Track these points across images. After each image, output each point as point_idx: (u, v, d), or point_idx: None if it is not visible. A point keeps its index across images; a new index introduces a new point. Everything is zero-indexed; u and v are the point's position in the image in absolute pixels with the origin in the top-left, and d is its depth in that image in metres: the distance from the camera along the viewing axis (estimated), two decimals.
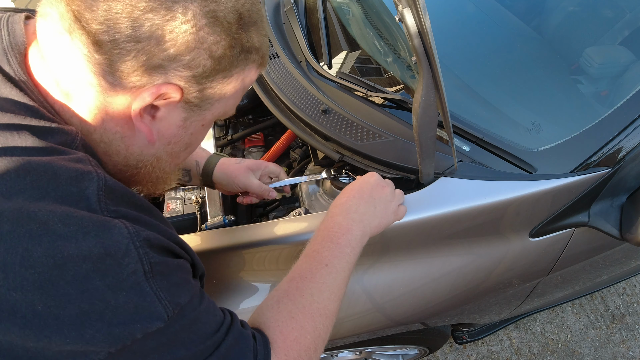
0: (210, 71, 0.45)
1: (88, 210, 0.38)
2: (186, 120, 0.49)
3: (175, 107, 0.46)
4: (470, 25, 1.24)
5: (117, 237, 0.38)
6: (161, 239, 0.42)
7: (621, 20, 1.13)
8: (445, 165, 0.80)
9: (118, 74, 0.41)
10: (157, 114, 0.46)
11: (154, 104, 0.45)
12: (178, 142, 0.51)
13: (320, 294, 0.55)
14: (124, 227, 0.39)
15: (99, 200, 0.39)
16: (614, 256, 1.14)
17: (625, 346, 1.75)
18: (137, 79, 0.42)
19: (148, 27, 0.40)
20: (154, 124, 0.47)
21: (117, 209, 0.40)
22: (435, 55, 0.54)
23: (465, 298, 0.95)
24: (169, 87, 0.43)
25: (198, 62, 0.43)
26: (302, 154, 1.12)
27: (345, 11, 1.30)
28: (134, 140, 0.48)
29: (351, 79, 1.00)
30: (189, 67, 0.43)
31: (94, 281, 0.36)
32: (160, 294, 0.40)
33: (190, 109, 0.48)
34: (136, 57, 0.41)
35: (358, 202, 0.65)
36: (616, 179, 0.84)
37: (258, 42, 0.48)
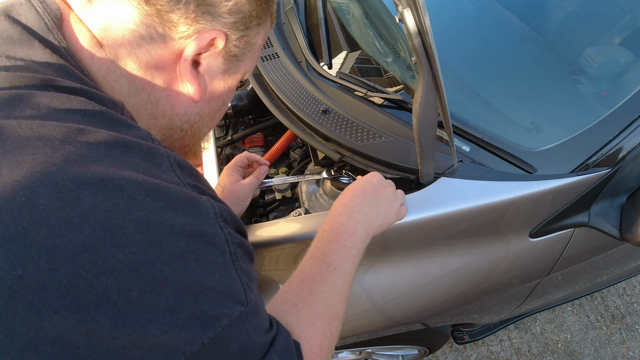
0: (248, 17, 0.46)
1: (171, 182, 0.36)
2: (225, 72, 0.50)
3: (217, 58, 0.47)
4: (470, 25, 1.24)
5: (205, 216, 0.36)
6: (235, 216, 0.41)
7: (621, 20, 1.13)
8: (445, 165, 0.80)
9: (168, 25, 0.41)
10: (200, 69, 0.47)
11: (196, 59, 0.45)
12: (218, 97, 0.52)
13: (332, 298, 0.55)
14: (209, 205, 0.37)
15: (176, 174, 0.38)
16: (614, 256, 1.14)
17: (625, 346, 1.75)
18: (185, 27, 0.42)
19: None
20: (199, 79, 0.47)
21: (195, 183, 0.39)
22: (436, 55, 0.54)
23: (465, 298, 0.95)
24: (216, 33, 0.44)
25: (239, 7, 0.44)
26: (302, 154, 1.12)
27: (345, 11, 1.30)
28: (179, 99, 0.48)
29: (351, 79, 1.00)
30: (231, 13, 0.44)
31: (190, 262, 0.34)
32: (242, 277, 0.38)
33: (229, 59, 0.48)
34: (186, 5, 0.41)
35: (362, 202, 0.65)
36: (616, 179, 0.84)
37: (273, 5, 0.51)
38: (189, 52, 0.44)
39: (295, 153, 1.13)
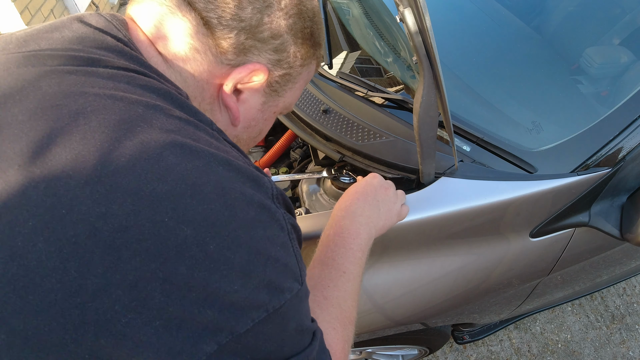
0: (292, 57, 0.50)
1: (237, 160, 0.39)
2: (264, 104, 0.53)
3: (257, 90, 0.50)
4: (471, 25, 1.24)
5: (268, 193, 0.39)
6: (289, 201, 0.44)
7: (621, 20, 1.13)
8: (445, 165, 0.80)
9: (219, 50, 0.45)
10: (241, 97, 0.50)
11: (239, 87, 0.49)
12: (255, 126, 0.55)
13: (345, 302, 0.55)
14: (270, 185, 0.40)
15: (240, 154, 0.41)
16: (614, 256, 1.14)
17: (625, 346, 1.75)
18: (233, 57, 0.46)
19: (250, 10, 0.44)
20: (238, 105, 0.51)
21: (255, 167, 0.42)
22: (436, 55, 0.54)
23: (466, 298, 0.94)
24: (261, 67, 0.47)
25: (284, 47, 0.48)
26: (302, 154, 1.12)
27: (345, 11, 1.30)
28: (220, 118, 0.51)
29: (352, 79, 1.00)
30: (276, 51, 0.48)
31: (258, 230, 0.35)
32: (298, 257, 0.40)
33: (269, 93, 0.52)
34: (237, 36, 0.44)
35: (363, 205, 0.65)
36: (616, 179, 0.84)
37: (322, 40, 0.55)
38: (232, 80, 0.47)
39: (296, 153, 1.13)
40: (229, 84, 0.47)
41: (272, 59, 0.48)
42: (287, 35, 0.48)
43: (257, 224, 0.35)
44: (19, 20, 2.66)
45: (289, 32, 0.48)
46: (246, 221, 0.34)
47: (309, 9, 0.50)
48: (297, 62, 0.51)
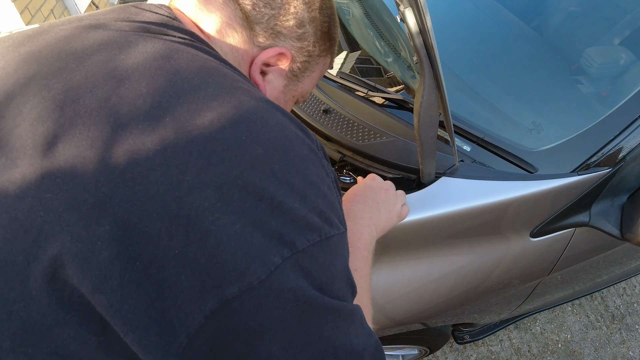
0: (312, 47, 0.55)
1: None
2: (286, 87, 0.58)
3: (281, 74, 0.55)
4: (471, 25, 1.25)
5: (316, 144, 0.44)
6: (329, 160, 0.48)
7: (621, 20, 1.13)
8: (446, 165, 0.80)
9: (252, 33, 0.51)
10: (267, 77, 0.55)
11: (264, 70, 0.54)
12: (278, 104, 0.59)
13: (362, 299, 0.55)
14: (315, 139, 0.44)
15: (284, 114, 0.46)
16: (615, 256, 1.14)
17: (625, 346, 1.75)
18: (263, 39, 0.52)
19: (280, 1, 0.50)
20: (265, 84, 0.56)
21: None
22: (437, 55, 0.54)
23: (466, 298, 0.94)
24: (286, 51, 0.53)
25: (306, 36, 0.54)
26: None
27: (345, 11, 1.30)
28: None
29: (352, 79, 1.00)
30: (300, 39, 0.53)
31: (311, 165, 0.40)
32: (340, 204, 0.43)
33: (290, 77, 0.57)
34: (268, 22, 0.50)
35: (363, 208, 0.65)
36: (617, 179, 0.84)
37: (337, 35, 0.60)
38: (261, 59, 0.52)
39: None
40: (258, 62, 0.52)
41: (295, 45, 0.54)
42: (309, 26, 0.53)
43: (309, 160, 0.40)
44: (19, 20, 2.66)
45: (310, 24, 0.53)
46: (302, 155, 0.40)
47: (328, 7, 0.56)
48: (315, 52, 0.56)
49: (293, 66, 0.56)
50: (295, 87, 0.59)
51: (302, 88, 0.60)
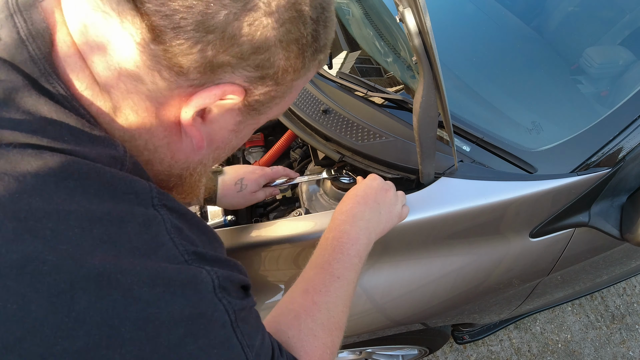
0: (282, 72, 0.39)
1: (169, 260, 0.34)
2: (240, 124, 0.43)
3: (231, 110, 0.40)
4: (471, 25, 1.24)
5: (205, 293, 0.35)
6: (236, 277, 0.39)
7: (621, 20, 1.13)
8: (445, 165, 0.80)
9: (176, 70, 0.34)
10: (209, 116, 0.40)
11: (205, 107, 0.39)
12: (226, 146, 0.45)
13: (335, 307, 0.55)
14: (208, 277, 0.35)
15: (174, 244, 0.35)
16: (614, 256, 1.14)
17: (625, 346, 1.75)
18: (197, 76, 0.35)
19: (224, 16, 0.32)
20: (204, 127, 0.41)
21: (195, 249, 0.36)
22: (436, 55, 0.54)
23: (466, 298, 0.94)
24: (233, 88, 0.37)
25: (272, 62, 0.37)
26: (302, 154, 1.12)
27: (345, 11, 1.30)
28: (181, 146, 0.41)
29: (351, 79, 1.00)
30: (260, 67, 0.37)
31: (188, 346, 0.33)
32: (244, 341, 0.37)
33: (247, 112, 0.42)
34: (202, 51, 0.33)
35: (363, 209, 0.64)
36: (616, 179, 0.84)
37: (329, 40, 0.42)
38: (194, 106, 0.37)
39: (296, 153, 1.13)
40: (188, 111, 0.37)
41: (251, 76, 0.37)
42: (276, 48, 0.36)
43: (186, 341, 0.32)
44: None
45: (279, 45, 0.36)
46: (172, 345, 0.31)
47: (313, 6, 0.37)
48: (287, 77, 0.40)
49: (250, 100, 0.40)
50: (256, 120, 0.44)
51: (269, 117, 0.45)
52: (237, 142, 0.47)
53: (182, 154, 0.43)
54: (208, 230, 0.43)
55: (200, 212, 0.98)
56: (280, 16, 0.35)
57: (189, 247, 0.36)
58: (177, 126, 0.39)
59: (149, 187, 0.36)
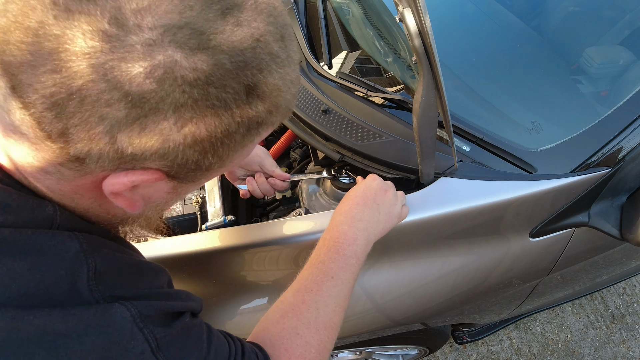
0: (200, 161, 0.36)
1: (83, 304, 0.35)
2: (176, 188, 0.41)
3: (159, 182, 0.38)
4: (471, 25, 1.24)
5: (121, 323, 0.36)
6: (161, 305, 0.40)
7: (621, 20, 1.13)
8: (445, 165, 0.80)
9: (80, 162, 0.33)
10: (139, 186, 0.37)
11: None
12: (168, 202, 0.44)
13: (326, 307, 0.55)
14: (125, 310, 0.36)
15: (91, 291, 0.36)
16: (614, 256, 1.14)
17: (625, 346, 1.75)
18: (105, 165, 0.33)
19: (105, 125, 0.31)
20: (135, 194, 0.38)
21: (113, 292, 0.37)
22: (436, 55, 0.54)
23: (466, 298, 0.94)
24: (148, 175, 0.35)
25: (183, 158, 0.35)
26: (302, 154, 1.12)
27: (345, 11, 1.30)
28: (113, 206, 0.40)
29: (351, 79, 1.00)
30: (172, 161, 0.35)
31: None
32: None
33: (180, 181, 0.39)
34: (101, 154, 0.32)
35: (362, 210, 0.64)
36: (616, 179, 0.84)
37: (279, 105, 0.37)
38: (109, 189, 0.36)
39: (296, 153, 1.13)
40: (106, 190, 0.36)
41: (168, 164, 0.35)
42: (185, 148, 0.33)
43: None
44: None
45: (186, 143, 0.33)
46: None
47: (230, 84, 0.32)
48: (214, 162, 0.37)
49: (175, 176, 0.38)
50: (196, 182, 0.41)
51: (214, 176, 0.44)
52: (181, 197, 0.46)
53: (119, 210, 0.42)
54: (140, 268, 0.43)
55: (200, 211, 0.98)
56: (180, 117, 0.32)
57: (105, 292, 0.37)
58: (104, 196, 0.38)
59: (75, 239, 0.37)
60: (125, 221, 0.46)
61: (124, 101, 0.30)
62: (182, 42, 0.30)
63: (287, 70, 0.36)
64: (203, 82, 0.31)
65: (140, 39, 0.29)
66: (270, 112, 0.37)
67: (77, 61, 0.28)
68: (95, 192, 0.38)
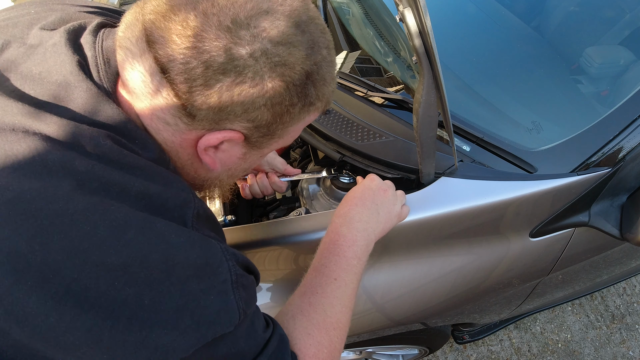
0: (271, 124, 0.49)
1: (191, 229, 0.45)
2: (246, 154, 0.54)
3: (235, 146, 0.51)
4: (471, 25, 1.24)
5: (215, 251, 0.44)
6: (242, 257, 0.49)
7: (621, 20, 1.13)
8: (445, 165, 0.80)
9: (192, 118, 0.46)
10: (221, 147, 0.51)
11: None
12: (238, 168, 0.57)
13: (332, 308, 0.57)
14: (217, 244, 0.45)
15: (192, 224, 0.45)
16: (614, 256, 1.14)
17: (626, 346, 1.75)
18: (206, 124, 0.47)
19: (218, 87, 0.43)
20: (217, 155, 0.52)
21: (205, 232, 0.47)
22: (436, 55, 0.54)
23: (466, 298, 0.95)
24: (233, 134, 0.48)
25: (261, 118, 0.47)
26: (302, 154, 1.12)
27: (345, 11, 1.30)
28: (201, 165, 0.53)
29: (351, 78, 1.00)
30: (252, 121, 0.47)
31: (192, 284, 0.41)
32: (240, 303, 0.45)
33: (250, 147, 0.52)
34: (209, 109, 0.45)
35: (361, 211, 0.65)
36: (616, 178, 0.84)
37: (324, 94, 0.51)
38: (203, 145, 0.49)
39: (296, 153, 1.13)
40: (201, 145, 0.49)
41: (247, 126, 0.48)
42: (264, 108, 0.47)
43: (191, 280, 0.42)
44: None
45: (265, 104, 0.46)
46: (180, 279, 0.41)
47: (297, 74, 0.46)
48: (278, 128, 0.50)
49: (251, 140, 0.51)
50: (261, 152, 0.55)
51: (273, 149, 0.56)
52: (247, 165, 0.58)
53: (203, 171, 0.55)
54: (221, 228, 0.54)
55: None
56: (265, 86, 0.45)
57: (200, 229, 0.46)
58: (197, 153, 0.51)
59: (187, 185, 0.48)
60: (206, 182, 0.58)
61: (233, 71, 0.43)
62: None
63: (331, 70, 0.51)
64: (282, 64, 0.44)
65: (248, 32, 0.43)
66: (318, 97, 0.50)
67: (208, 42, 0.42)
68: (193, 150, 0.50)
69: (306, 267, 0.63)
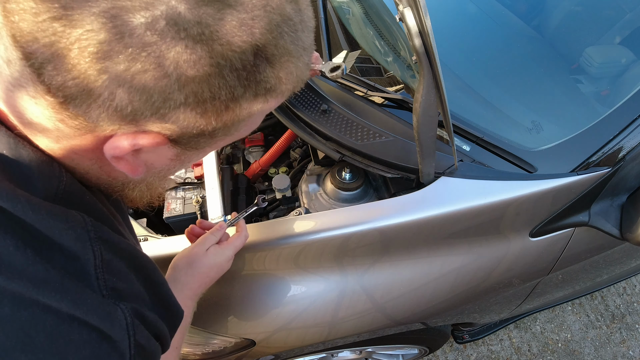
0: (205, 125, 0.35)
1: (91, 289, 0.35)
2: (180, 155, 0.40)
3: (161, 147, 0.37)
4: (471, 25, 1.24)
5: (117, 329, 0.36)
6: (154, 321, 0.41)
7: (621, 20, 1.13)
8: (445, 164, 0.80)
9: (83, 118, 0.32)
10: (142, 150, 0.36)
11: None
12: (171, 169, 0.43)
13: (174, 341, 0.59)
14: (123, 319, 0.36)
15: (97, 278, 0.36)
16: (614, 256, 1.14)
17: (626, 346, 1.75)
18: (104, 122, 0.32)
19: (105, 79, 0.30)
20: (138, 159, 0.37)
21: (115, 285, 0.37)
22: (436, 54, 0.54)
23: (466, 298, 0.95)
24: (149, 139, 0.34)
25: (185, 119, 0.33)
26: (302, 154, 1.12)
27: (345, 11, 1.30)
28: (115, 168, 0.38)
29: (351, 78, 1.00)
30: (174, 123, 0.33)
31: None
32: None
33: (182, 147, 0.38)
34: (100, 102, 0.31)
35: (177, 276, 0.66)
36: (616, 178, 0.84)
37: (290, 72, 0.35)
38: (110, 152, 0.35)
39: (296, 152, 1.13)
40: (108, 154, 0.35)
41: (171, 128, 0.34)
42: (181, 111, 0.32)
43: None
44: None
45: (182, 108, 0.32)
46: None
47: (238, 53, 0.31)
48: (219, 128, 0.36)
49: (178, 141, 0.37)
50: (200, 151, 0.41)
51: (218, 147, 0.42)
52: (185, 165, 0.44)
53: (119, 174, 0.41)
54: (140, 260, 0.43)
55: (200, 211, 0.98)
56: (179, 76, 0.30)
57: (109, 283, 0.36)
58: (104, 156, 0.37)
59: (83, 221, 0.36)
60: (126, 185, 0.44)
61: (123, 53, 0.28)
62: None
63: (300, 35, 0.34)
64: (207, 37, 0.29)
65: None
66: (279, 79, 0.35)
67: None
68: (95, 154, 0.37)
69: (306, 267, 0.63)
